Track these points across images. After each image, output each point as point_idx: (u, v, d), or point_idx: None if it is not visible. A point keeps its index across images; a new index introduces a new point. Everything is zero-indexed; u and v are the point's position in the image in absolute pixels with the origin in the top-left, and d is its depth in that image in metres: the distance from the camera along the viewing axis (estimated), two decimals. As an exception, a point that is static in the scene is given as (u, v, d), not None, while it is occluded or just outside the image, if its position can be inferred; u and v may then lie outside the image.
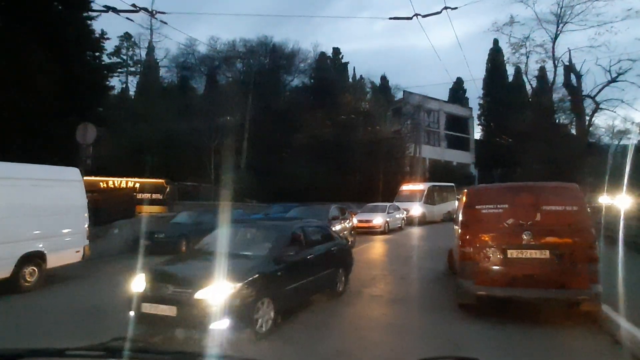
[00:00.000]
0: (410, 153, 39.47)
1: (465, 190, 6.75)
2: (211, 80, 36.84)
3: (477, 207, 6.08)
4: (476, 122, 54.30)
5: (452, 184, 30.62)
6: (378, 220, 18.65)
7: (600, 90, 30.77)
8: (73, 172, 9.48)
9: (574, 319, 5.73)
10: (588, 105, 32.09)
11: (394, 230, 19.97)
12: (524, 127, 32.23)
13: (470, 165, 51.34)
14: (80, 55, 14.92)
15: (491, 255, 5.79)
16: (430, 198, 25.72)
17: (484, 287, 5.77)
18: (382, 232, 18.54)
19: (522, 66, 36.05)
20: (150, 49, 43.94)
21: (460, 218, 6.64)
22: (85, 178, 24.07)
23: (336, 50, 51.36)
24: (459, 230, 6.28)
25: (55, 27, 13.04)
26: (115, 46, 45.48)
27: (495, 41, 51.94)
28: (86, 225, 9.43)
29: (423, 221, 23.76)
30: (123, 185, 25.16)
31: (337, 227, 12.89)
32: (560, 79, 33.25)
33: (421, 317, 6.17)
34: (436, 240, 17.24)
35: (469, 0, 13.01)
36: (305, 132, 30.24)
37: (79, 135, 12.03)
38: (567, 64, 31.13)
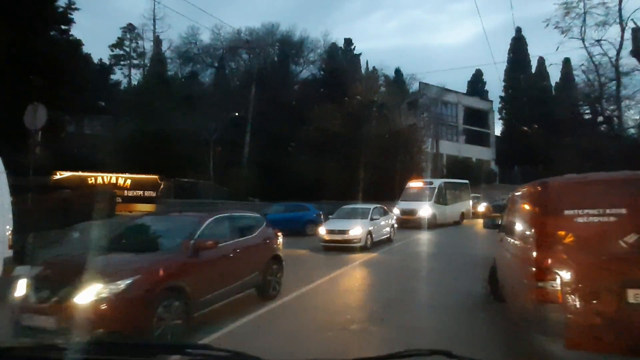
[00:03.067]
0: (427, 148, 36.76)
1: (541, 184, 4.17)
2: (214, 71, 34.76)
3: (566, 212, 3.59)
4: (497, 116, 51.36)
5: (467, 181, 27.35)
6: (356, 230, 13.13)
7: None
8: (-9, 162, 7.17)
9: None
10: None
11: (380, 244, 14.33)
12: (565, 113, 27.69)
13: (490, 162, 48.38)
14: (40, 27, 12.75)
15: (597, 297, 3.31)
16: (441, 197, 22.46)
17: (585, 355, 3.29)
18: (363, 248, 13.12)
19: (576, 30, 27.43)
20: (158, 41, 42.21)
21: (529, 231, 4.13)
22: (72, 173, 22.23)
23: (348, 41, 48.80)
24: (533, 253, 3.77)
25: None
26: (118, 38, 43.92)
27: (518, 29, 48.99)
28: (9, 232, 7.14)
29: (433, 224, 20.57)
30: (113, 181, 23.15)
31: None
32: (626, 48, 25.69)
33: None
34: (457, 248, 14.87)
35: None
36: (313, 125, 27.82)
37: (27, 118, 9.84)
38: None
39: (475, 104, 48.84)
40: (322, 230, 13.74)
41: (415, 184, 23.46)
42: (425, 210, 20.75)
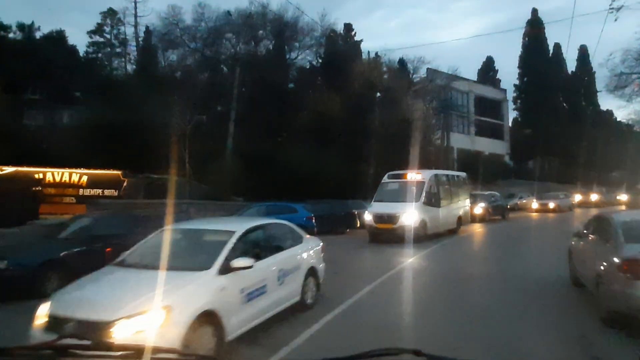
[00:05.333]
0: (437, 139, 32.94)
1: None
2: (199, 56, 30.95)
3: None
4: (511, 106, 47.36)
5: (464, 173, 21.13)
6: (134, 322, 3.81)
7: None
8: None
9: None
10: None
11: (267, 338, 5.01)
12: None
13: (504, 156, 44.40)
14: None
15: None
16: (433, 195, 15.86)
17: None
18: None
19: None
20: (148, 32, 38.67)
21: None
22: (15, 169, 18.43)
23: (348, 27, 44.97)
24: None
25: None
26: (97, 23, 40.30)
27: (534, 11, 45.03)
28: None
29: (422, 235, 14.11)
30: (66, 178, 19.44)
31: None
32: None
33: None
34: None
35: None
36: (308, 111, 24.02)
37: None
38: None
39: (488, 93, 44.83)
40: (41, 311, 4.16)
41: (396, 178, 16.58)
42: (410, 215, 14.11)
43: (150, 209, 12.52)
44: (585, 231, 7.42)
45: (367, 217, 14.93)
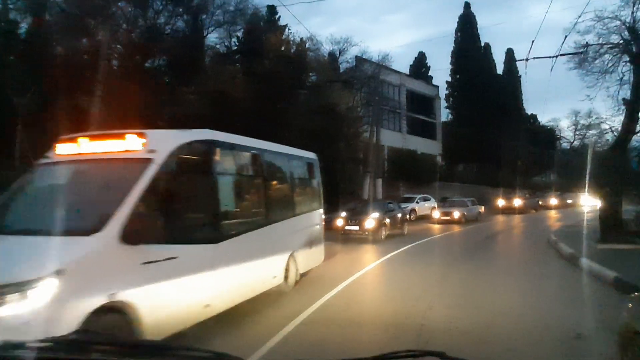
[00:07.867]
0: (366, 132, 28.88)
1: None
2: (67, 16, 24.22)
3: None
4: (443, 104, 44.97)
5: (312, 156, 9.72)
6: None
7: None
8: None
9: None
10: None
11: None
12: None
13: (437, 157, 41.65)
14: None
15: None
16: (177, 208, 4.72)
17: None
18: None
19: None
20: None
21: None
22: None
23: (271, 10, 39.92)
24: None
25: None
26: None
27: (467, 5, 42.98)
28: None
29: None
30: None
31: None
32: None
33: None
34: None
35: None
36: (201, 86, 18.63)
37: None
38: None
39: (420, 88, 41.87)
40: None
41: (75, 153, 4.83)
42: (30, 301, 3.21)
43: None
44: None
45: None
